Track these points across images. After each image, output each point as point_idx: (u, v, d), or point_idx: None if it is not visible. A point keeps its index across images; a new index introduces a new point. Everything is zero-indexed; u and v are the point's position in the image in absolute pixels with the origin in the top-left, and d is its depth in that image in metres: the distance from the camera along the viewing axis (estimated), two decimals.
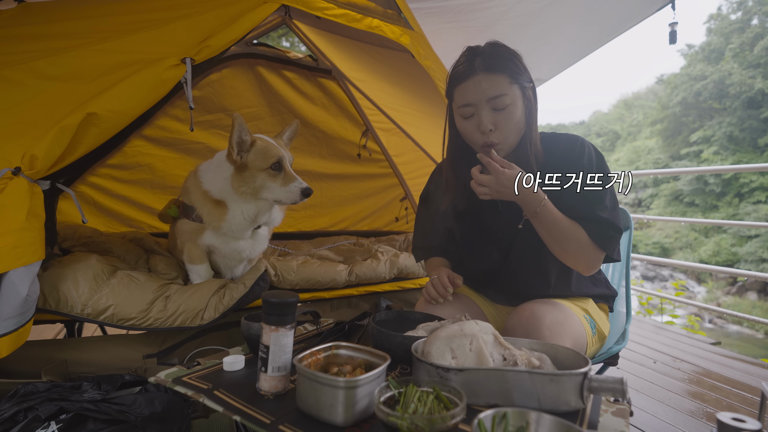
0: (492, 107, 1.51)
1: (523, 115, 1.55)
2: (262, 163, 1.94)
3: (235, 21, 1.76)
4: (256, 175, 1.95)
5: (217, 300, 1.93)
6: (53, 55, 1.65)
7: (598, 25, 4.00)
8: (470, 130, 1.58)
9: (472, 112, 1.55)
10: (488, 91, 1.50)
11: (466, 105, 1.55)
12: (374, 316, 1.55)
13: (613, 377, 1.02)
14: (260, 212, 2.05)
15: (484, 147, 1.56)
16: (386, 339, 1.37)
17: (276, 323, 1.14)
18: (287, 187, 1.96)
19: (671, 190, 25.29)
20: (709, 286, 19.51)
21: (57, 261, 1.85)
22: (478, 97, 1.52)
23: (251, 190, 1.96)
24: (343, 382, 0.99)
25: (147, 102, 1.67)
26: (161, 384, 1.25)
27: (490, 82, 1.50)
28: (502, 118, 1.52)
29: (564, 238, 1.51)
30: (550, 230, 1.52)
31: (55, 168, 1.57)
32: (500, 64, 1.52)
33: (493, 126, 1.52)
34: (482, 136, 1.55)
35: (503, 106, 1.50)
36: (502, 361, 1.15)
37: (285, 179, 1.97)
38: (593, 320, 1.63)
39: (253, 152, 1.94)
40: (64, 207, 2.65)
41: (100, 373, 1.79)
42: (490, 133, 1.53)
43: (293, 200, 1.97)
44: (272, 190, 1.97)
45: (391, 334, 1.37)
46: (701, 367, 3.18)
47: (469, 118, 1.57)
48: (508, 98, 1.50)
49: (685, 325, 5.79)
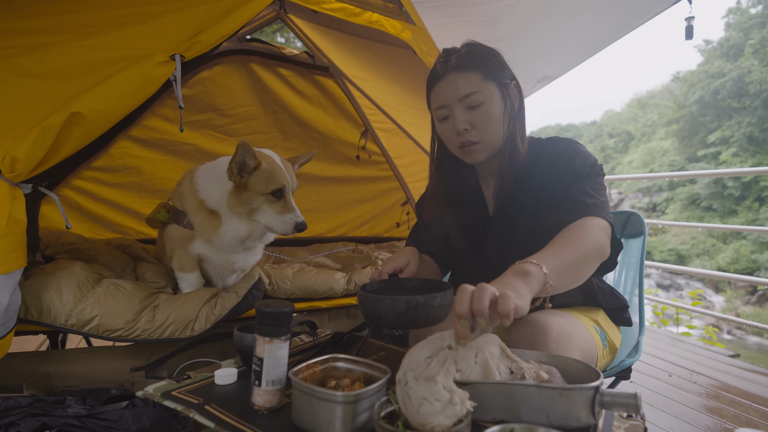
0: (466, 106, 1.53)
1: (503, 113, 1.56)
2: (263, 188, 1.92)
3: (227, 15, 1.77)
4: (255, 197, 1.93)
5: (208, 310, 1.93)
6: (35, 51, 1.65)
7: (610, 19, 4.00)
8: (447, 132, 1.60)
9: (446, 113, 1.57)
10: (460, 89, 1.52)
11: (441, 107, 1.58)
12: (364, 285, 1.51)
13: (626, 391, 1.02)
14: (251, 235, 2.04)
15: (462, 148, 1.58)
16: (374, 304, 1.31)
17: (270, 334, 1.13)
18: (282, 217, 1.95)
19: (688, 194, 25.33)
20: (728, 295, 19.50)
21: (39, 269, 1.85)
22: (450, 97, 1.54)
23: (246, 211, 1.95)
24: (341, 396, 0.99)
25: (134, 101, 1.67)
26: (149, 398, 1.24)
27: (462, 79, 1.52)
28: (477, 116, 1.53)
29: (586, 260, 1.34)
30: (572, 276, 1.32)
31: (38, 171, 1.57)
32: (472, 62, 1.54)
33: (469, 125, 1.54)
34: (458, 136, 1.56)
35: (477, 103, 1.52)
36: (508, 374, 1.15)
37: (283, 208, 1.96)
38: (604, 331, 1.63)
39: (256, 174, 1.92)
40: (47, 212, 2.66)
41: (85, 387, 1.78)
42: (465, 132, 1.54)
43: (285, 232, 1.96)
44: (267, 216, 1.96)
45: (378, 297, 1.31)
46: (719, 381, 3.18)
47: (445, 120, 1.59)
48: (482, 95, 1.52)
49: (702, 336, 5.78)
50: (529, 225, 1.60)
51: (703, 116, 26.99)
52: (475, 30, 3.84)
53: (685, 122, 28.35)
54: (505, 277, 1.18)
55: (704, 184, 23.92)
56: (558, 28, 3.99)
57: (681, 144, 28.83)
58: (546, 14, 3.69)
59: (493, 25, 3.76)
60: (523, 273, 1.18)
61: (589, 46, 4.50)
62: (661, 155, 30.27)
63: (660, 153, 30.51)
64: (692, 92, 27.80)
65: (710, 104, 26.38)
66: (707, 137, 26.09)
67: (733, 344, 13.52)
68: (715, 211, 23.85)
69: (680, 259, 23.07)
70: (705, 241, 22.85)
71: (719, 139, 25.12)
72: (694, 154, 27.11)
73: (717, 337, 5.85)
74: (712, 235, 22.66)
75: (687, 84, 29.45)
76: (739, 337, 14.71)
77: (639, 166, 31.42)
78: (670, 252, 23.42)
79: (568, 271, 1.28)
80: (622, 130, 38.47)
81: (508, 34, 3.92)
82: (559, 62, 4.79)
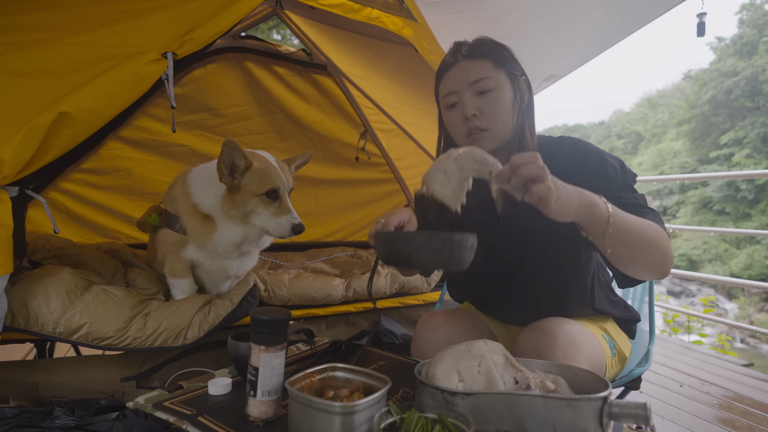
0: (475, 91, 1.53)
1: (513, 104, 1.55)
2: (257, 189, 1.92)
3: (221, 11, 1.76)
4: (249, 199, 1.93)
5: (201, 317, 1.93)
6: (21, 49, 1.64)
7: (618, 15, 4.01)
8: (455, 120, 1.59)
9: (455, 100, 1.57)
10: (470, 75, 1.53)
11: (449, 93, 1.58)
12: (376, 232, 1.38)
13: (636, 402, 1.02)
14: (247, 239, 2.04)
15: (469, 136, 1.55)
16: (405, 242, 1.22)
17: (266, 343, 1.13)
18: (278, 219, 1.95)
19: (699, 197, 25.34)
20: (741, 302, 19.48)
21: (26, 275, 1.85)
22: (459, 83, 1.55)
23: (242, 214, 1.95)
24: (339, 407, 0.98)
25: (125, 100, 1.67)
26: (140, 409, 1.24)
27: (473, 66, 1.54)
28: (487, 102, 1.53)
29: (648, 234, 1.26)
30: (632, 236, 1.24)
31: (24, 173, 1.57)
32: (483, 50, 1.55)
33: (478, 111, 1.53)
34: (465, 123, 1.55)
35: (486, 88, 1.52)
36: (513, 384, 1.15)
37: (279, 210, 1.96)
38: (613, 340, 1.62)
39: (248, 175, 1.92)
40: (34, 216, 2.65)
41: (74, 398, 1.78)
42: (474, 118, 1.53)
43: (282, 234, 1.96)
44: (262, 218, 1.96)
45: (411, 233, 1.25)
46: (732, 391, 3.17)
47: (453, 108, 1.59)
48: (492, 82, 1.52)
49: (715, 345, 5.79)
50: (544, 226, 1.56)
51: (715, 116, 27.03)
52: (479, 27, 3.84)
53: (696, 122, 28.38)
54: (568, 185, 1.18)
55: (717, 186, 23.92)
56: (564, 25, 4.00)
57: (692, 145, 28.87)
58: (552, 10, 3.70)
59: (497, 21, 3.77)
60: (585, 193, 1.19)
61: (596, 44, 4.51)
62: (671, 157, 30.30)
63: (671, 154, 30.54)
64: (704, 91, 27.83)
65: (723, 104, 26.41)
66: (720, 138, 26.12)
67: (747, 353, 13.49)
68: (728, 215, 23.85)
69: (692, 264, 23.06)
70: (717, 245, 22.84)
71: (732, 140, 25.15)
72: (706, 156, 27.14)
73: (730, 345, 5.85)
74: (724, 240, 22.66)
75: (699, 83, 29.49)
76: (753, 346, 14.68)
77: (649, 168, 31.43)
78: (682, 257, 23.40)
79: (630, 234, 1.23)
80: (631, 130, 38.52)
81: (513, 31, 3.93)
82: (565, 60, 4.80)
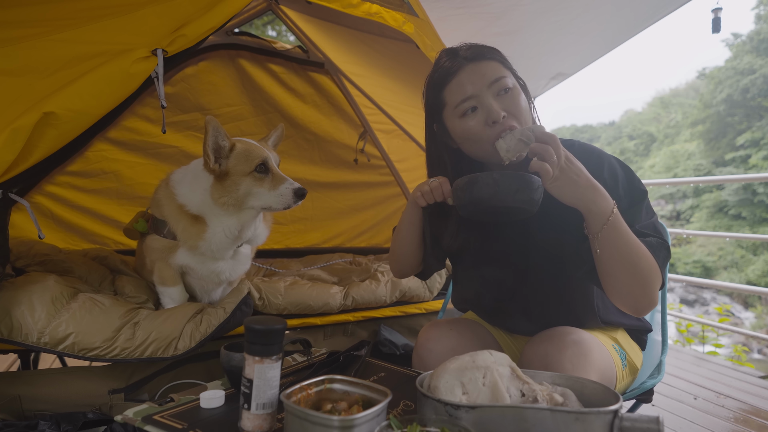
0: (495, 92, 1.47)
1: (527, 104, 1.53)
2: (245, 167, 1.93)
3: (213, 7, 1.76)
4: (240, 181, 1.94)
5: (193, 327, 1.93)
6: (4, 45, 1.64)
7: (630, 11, 4.02)
8: (476, 128, 1.49)
9: (473, 104, 1.49)
10: (486, 75, 1.48)
11: (465, 99, 1.49)
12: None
13: (648, 416, 1.02)
14: (244, 226, 2.05)
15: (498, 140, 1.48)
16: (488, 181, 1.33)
17: (260, 353, 1.13)
18: (277, 190, 1.95)
19: (714, 201, 25.31)
20: (758, 311, 19.46)
21: (9, 282, 1.85)
22: (477, 85, 1.48)
23: (234, 200, 1.95)
24: (337, 421, 0.98)
25: (112, 100, 1.67)
26: (129, 423, 1.24)
27: (485, 67, 1.49)
28: (510, 101, 1.47)
29: (638, 257, 1.37)
30: (621, 249, 1.36)
31: (8, 176, 1.56)
32: (484, 52, 1.53)
33: (505, 112, 1.46)
34: (491, 128, 1.46)
35: (507, 87, 1.48)
36: (519, 397, 1.15)
37: (273, 182, 1.96)
38: (623, 351, 1.62)
39: (233, 157, 1.94)
40: (17, 220, 2.65)
41: (60, 411, 1.78)
42: (504, 120, 1.45)
43: (286, 204, 1.95)
44: (260, 196, 1.96)
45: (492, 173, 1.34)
46: (749, 404, 3.17)
47: (472, 114, 1.50)
48: (509, 80, 1.49)
49: (731, 355, 5.78)
50: (550, 233, 1.56)
51: (731, 116, 27.01)
52: (484, 22, 3.85)
53: (711, 123, 28.38)
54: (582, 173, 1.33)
55: (732, 190, 23.90)
56: (573, 21, 4.00)
57: (707, 147, 28.85)
58: (560, 5, 3.70)
59: (502, 17, 3.78)
60: (595, 187, 1.33)
61: (606, 41, 4.52)
62: (685, 159, 30.27)
63: (684, 156, 30.51)
64: (719, 90, 27.82)
65: (739, 103, 26.40)
66: (736, 139, 26.09)
67: (764, 364, 13.49)
68: (745, 220, 23.82)
69: (706, 271, 23.03)
70: (733, 252, 22.82)
71: (749, 141, 25.12)
72: (721, 158, 27.12)
73: (746, 356, 5.84)
74: (741, 246, 22.63)
75: (714, 81, 29.48)
76: None
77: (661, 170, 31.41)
78: (696, 264, 23.37)
79: (621, 250, 1.35)
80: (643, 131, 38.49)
81: (518, 27, 3.94)
82: (574, 58, 4.81)
